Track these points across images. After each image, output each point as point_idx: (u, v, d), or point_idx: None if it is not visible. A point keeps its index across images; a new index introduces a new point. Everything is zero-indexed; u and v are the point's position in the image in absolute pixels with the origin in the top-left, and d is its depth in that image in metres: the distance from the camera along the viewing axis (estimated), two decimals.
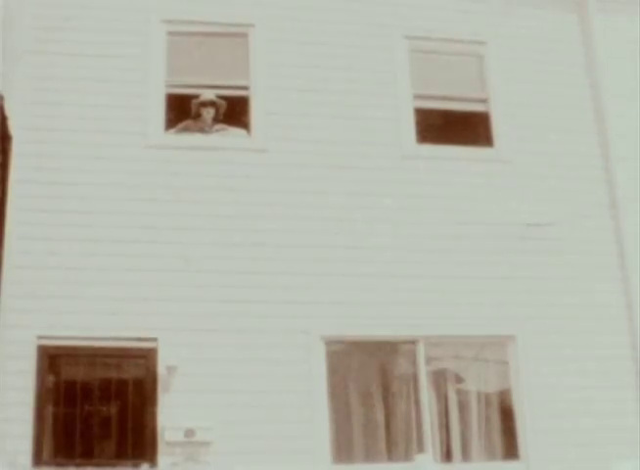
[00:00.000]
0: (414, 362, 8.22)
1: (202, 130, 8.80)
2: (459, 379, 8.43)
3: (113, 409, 7.72)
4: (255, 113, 8.78)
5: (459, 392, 8.36)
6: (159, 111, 8.56)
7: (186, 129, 8.79)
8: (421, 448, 7.96)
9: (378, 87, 9.05)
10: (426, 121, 9.19)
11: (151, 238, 8.01)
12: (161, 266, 7.92)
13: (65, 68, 8.47)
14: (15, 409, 7.32)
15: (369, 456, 8.02)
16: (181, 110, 8.80)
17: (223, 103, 8.88)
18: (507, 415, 8.28)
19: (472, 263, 8.57)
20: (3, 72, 7.78)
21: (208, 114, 8.80)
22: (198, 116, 8.84)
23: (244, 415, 7.60)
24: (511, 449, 8.20)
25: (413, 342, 8.26)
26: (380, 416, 8.13)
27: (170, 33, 8.87)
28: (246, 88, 8.90)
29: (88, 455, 7.46)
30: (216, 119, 8.86)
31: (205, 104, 8.80)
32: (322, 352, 8.00)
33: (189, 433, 7.47)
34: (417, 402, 8.12)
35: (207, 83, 8.93)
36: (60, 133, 8.23)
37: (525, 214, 8.82)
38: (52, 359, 7.60)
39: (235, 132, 8.85)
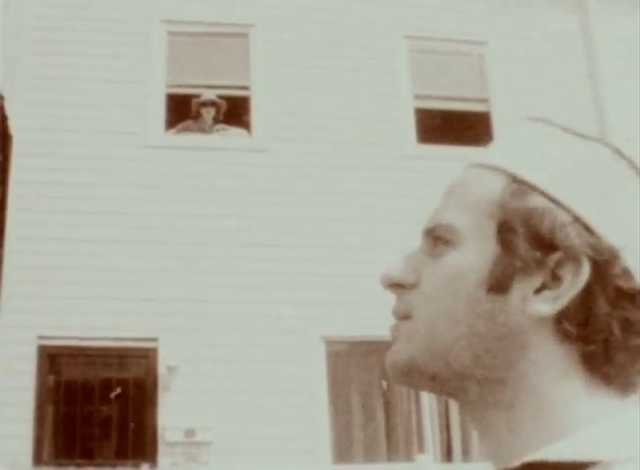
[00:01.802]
0: None
1: (202, 130, 8.80)
2: None
3: (113, 409, 7.73)
4: (255, 113, 8.78)
5: None
6: (158, 111, 8.57)
7: (186, 129, 8.79)
8: (421, 449, 7.96)
9: (378, 87, 9.05)
10: (426, 121, 9.20)
11: (151, 238, 8.01)
12: (161, 266, 7.92)
13: (65, 68, 8.47)
14: (15, 409, 7.32)
15: (369, 456, 8.02)
16: (181, 110, 8.80)
17: (223, 103, 8.88)
18: None
19: None
20: (3, 72, 7.78)
21: (209, 114, 8.80)
22: (198, 116, 8.84)
23: (244, 415, 7.60)
24: None
25: None
26: (380, 416, 8.13)
27: (170, 33, 8.87)
28: (246, 88, 8.90)
29: (88, 455, 7.46)
30: (217, 120, 8.86)
31: (205, 104, 8.80)
32: (322, 352, 8.00)
33: (189, 433, 7.48)
34: (417, 403, 8.13)
35: (207, 83, 8.93)
36: (60, 133, 8.24)
37: None
38: (52, 359, 7.60)
39: (235, 132, 8.85)
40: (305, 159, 8.61)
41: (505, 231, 0.70)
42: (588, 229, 0.68)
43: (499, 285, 0.69)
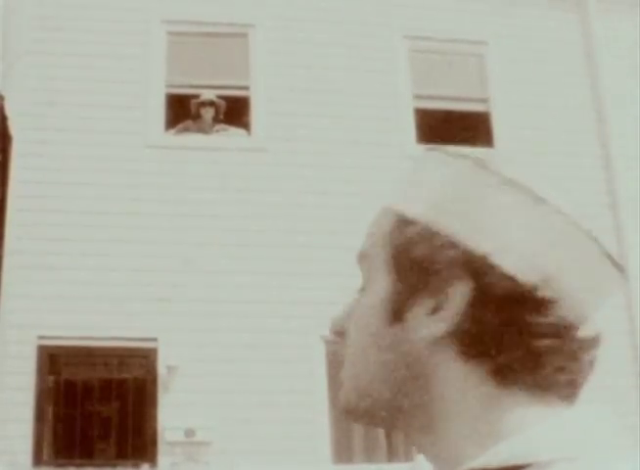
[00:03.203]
0: None
1: (202, 130, 8.80)
2: None
3: (113, 409, 7.73)
4: (255, 113, 8.78)
5: None
6: (158, 111, 8.57)
7: (186, 129, 8.79)
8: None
9: (378, 87, 9.05)
10: (426, 121, 9.20)
11: (150, 238, 8.01)
12: (161, 266, 7.92)
13: (65, 68, 8.47)
14: (15, 409, 7.32)
15: (369, 456, 8.02)
16: (181, 110, 8.80)
17: (223, 103, 8.88)
18: None
19: None
20: (3, 72, 7.79)
21: (208, 113, 8.80)
22: (198, 116, 8.84)
23: (244, 415, 7.60)
24: None
25: None
26: None
27: (170, 33, 8.87)
28: (246, 88, 8.90)
29: (88, 455, 7.46)
30: (216, 119, 8.86)
31: (204, 104, 8.80)
32: (322, 352, 8.00)
33: (189, 433, 7.48)
34: None
35: (207, 83, 8.93)
36: (60, 133, 8.24)
37: None
38: (52, 359, 7.60)
39: (235, 132, 8.85)
40: (305, 159, 8.61)
41: (394, 263, 0.74)
42: (458, 245, 0.70)
43: (395, 314, 0.73)
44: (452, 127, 9.49)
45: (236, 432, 7.56)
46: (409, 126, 9.00)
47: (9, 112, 7.83)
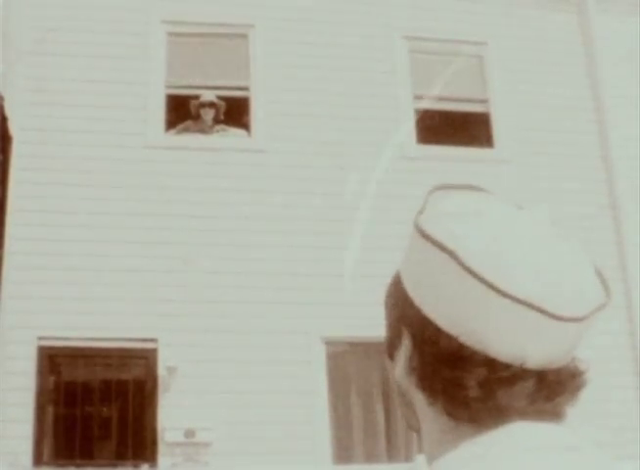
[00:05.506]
0: None
1: (202, 131, 8.80)
2: None
3: (113, 410, 7.73)
4: (255, 113, 8.78)
5: None
6: (159, 111, 8.56)
7: (186, 130, 8.79)
8: (421, 449, 7.94)
9: (378, 87, 9.05)
10: (426, 122, 9.19)
11: (150, 238, 8.01)
12: (161, 267, 7.92)
13: (65, 68, 8.47)
14: (15, 410, 7.32)
15: (369, 457, 8.02)
16: (181, 110, 8.80)
17: (222, 103, 8.88)
18: None
19: None
20: (3, 72, 7.79)
21: (207, 114, 8.80)
22: (198, 116, 8.84)
23: (244, 416, 7.60)
24: None
25: None
26: (380, 417, 8.13)
27: (170, 34, 8.87)
28: (246, 88, 8.90)
29: (88, 456, 7.46)
30: (216, 120, 8.86)
31: (204, 105, 8.79)
32: (322, 352, 8.00)
33: (189, 433, 7.48)
34: None
35: (207, 84, 8.93)
36: (60, 134, 8.24)
37: None
38: (52, 360, 7.60)
39: (235, 133, 8.85)
40: (305, 159, 8.61)
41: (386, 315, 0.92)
42: (418, 308, 0.84)
43: (389, 354, 0.90)
44: (452, 128, 9.49)
45: (236, 432, 7.56)
46: (409, 126, 9.00)
47: (9, 112, 7.83)
